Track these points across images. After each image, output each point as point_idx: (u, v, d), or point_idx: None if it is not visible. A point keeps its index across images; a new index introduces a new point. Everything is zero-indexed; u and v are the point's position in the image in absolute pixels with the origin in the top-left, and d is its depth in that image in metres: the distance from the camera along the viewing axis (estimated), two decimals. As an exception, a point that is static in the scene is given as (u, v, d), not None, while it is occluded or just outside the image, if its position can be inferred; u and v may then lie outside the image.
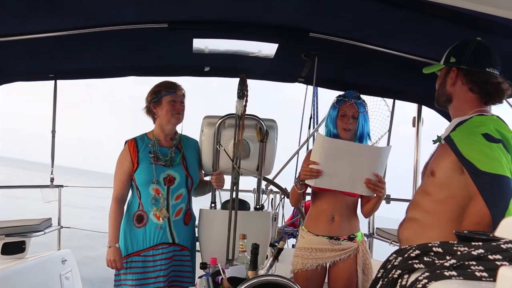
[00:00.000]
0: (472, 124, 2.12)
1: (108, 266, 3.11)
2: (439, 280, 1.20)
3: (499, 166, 1.94)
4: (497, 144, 1.99)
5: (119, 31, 3.17)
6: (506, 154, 1.99)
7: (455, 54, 2.27)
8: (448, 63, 2.28)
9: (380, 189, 2.84)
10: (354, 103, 3.02)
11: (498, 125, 2.07)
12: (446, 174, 2.16)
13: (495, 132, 2.02)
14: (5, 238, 3.93)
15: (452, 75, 2.26)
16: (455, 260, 1.22)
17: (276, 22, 3.21)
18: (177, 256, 3.17)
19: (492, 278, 1.13)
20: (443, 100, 2.34)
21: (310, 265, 2.99)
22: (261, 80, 4.65)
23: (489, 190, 1.95)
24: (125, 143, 3.22)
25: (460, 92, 2.25)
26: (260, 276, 2.10)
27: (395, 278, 1.42)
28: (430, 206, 2.23)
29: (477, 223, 1.93)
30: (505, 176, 1.94)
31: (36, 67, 3.92)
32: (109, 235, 3.12)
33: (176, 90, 3.17)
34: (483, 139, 2.00)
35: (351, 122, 2.99)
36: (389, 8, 2.62)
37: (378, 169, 2.84)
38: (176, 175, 3.14)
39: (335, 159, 2.80)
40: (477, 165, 1.97)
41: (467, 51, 2.22)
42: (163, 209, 3.08)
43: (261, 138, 3.27)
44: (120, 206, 3.16)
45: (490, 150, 1.98)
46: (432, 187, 2.24)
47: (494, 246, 1.19)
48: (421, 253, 1.38)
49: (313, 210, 3.12)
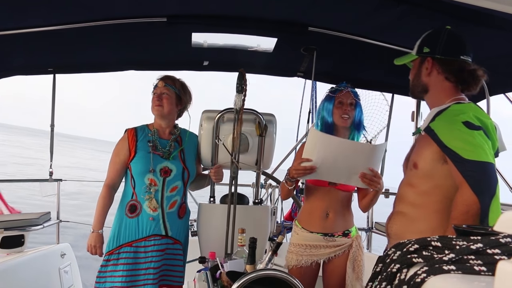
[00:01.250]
0: (452, 112, 2.13)
1: (87, 251, 3.10)
2: (438, 274, 1.20)
3: (483, 153, 1.96)
4: (478, 131, 2.00)
5: (118, 25, 3.16)
6: (487, 140, 2.01)
7: (428, 44, 2.27)
8: (421, 53, 2.29)
9: (375, 183, 2.78)
10: (350, 91, 3.00)
11: (477, 112, 2.09)
12: (428, 165, 2.17)
13: (474, 119, 2.03)
14: (3, 232, 3.94)
15: (427, 65, 2.26)
16: (454, 255, 1.22)
17: (275, 17, 3.21)
18: (170, 249, 3.16)
19: (491, 272, 1.13)
20: (419, 90, 2.34)
21: (304, 262, 2.98)
22: (260, 75, 4.66)
23: (475, 177, 1.95)
24: (125, 132, 3.21)
25: (436, 82, 2.26)
26: (259, 270, 2.11)
27: (394, 272, 1.42)
28: (415, 198, 2.25)
29: (466, 212, 1.94)
30: (490, 163, 1.96)
31: (35, 61, 3.92)
32: (94, 219, 3.11)
33: (158, 82, 3.19)
34: (464, 127, 2.01)
35: (350, 109, 2.96)
36: (387, 2, 2.62)
37: (373, 165, 2.79)
38: (173, 167, 3.14)
39: (329, 155, 2.75)
40: (461, 154, 1.98)
41: (440, 40, 2.23)
42: (153, 200, 3.06)
43: (260, 132, 3.26)
44: (110, 193, 3.15)
45: (472, 137, 1.99)
46: (416, 179, 2.25)
47: (493, 241, 1.19)
48: (420, 247, 1.38)
49: (306, 206, 3.10)
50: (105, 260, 3.08)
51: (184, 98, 3.26)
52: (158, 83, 3.18)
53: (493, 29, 2.52)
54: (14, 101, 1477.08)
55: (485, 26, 2.52)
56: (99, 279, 3.08)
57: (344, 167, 2.77)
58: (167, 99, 3.16)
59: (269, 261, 2.41)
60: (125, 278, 3.02)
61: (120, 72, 4.33)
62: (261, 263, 2.42)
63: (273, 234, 4.07)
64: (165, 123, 3.23)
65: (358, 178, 2.76)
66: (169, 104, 3.17)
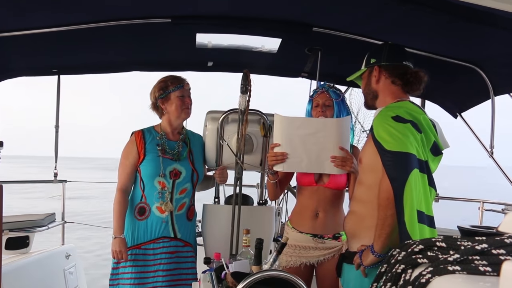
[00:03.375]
0: (386, 109, 2.32)
1: (113, 257, 3.09)
2: (442, 274, 1.20)
3: (402, 144, 2.11)
4: (404, 124, 2.17)
5: (122, 26, 3.17)
6: (416, 133, 2.17)
7: (374, 56, 2.51)
8: (369, 64, 2.52)
9: (348, 163, 2.75)
10: (326, 91, 3.01)
11: (409, 108, 2.28)
12: (369, 159, 2.33)
13: (405, 114, 2.21)
14: (9, 233, 3.94)
15: (375, 73, 2.48)
16: (459, 255, 1.22)
17: (279, 17, 3.21)
18: (180, 252, 3.16)
19: (496, 272, 1.13)
20: (370, 98, 2.54)
21: (293, 263, 2.96)
22: (264, 75, 4.66)
23: (391, 166, 2.12)
24: (132, 134, 3.21)
25: (384, 86, 2.46)
26: (264, 271, 2.11)
27: (399, 273, 1.42)
28: (363, 195, 2.40)
29: (387, 198, 2.11)
30: (406, 153, 2.10)
31: (39, 62, 3.93)
32: (114, 225, 3.09)
33: (183, 84, 3.17)
34: (392, 121, 2.18)
35: (323, 110, 2.97)
36: (392, 2, 2.61)
37: (342, 142, 2.78)
38: (182, 169, 3.14)
39: (296, 138, 2.76)
40: (384, 145, 2.15)
41: (384, 51, 2.48)
42: (168, 203, 3.07)
43: (265, 133, 3.26)
44: (125, 196, 3.13)
45: (396, 130, 2.15)
46: (362, 174, 2.45)
47: (498, 241, 1.19)
48: (425, 248, 1.38)
49: (297, 205, 3.10)
50: (115, 263, 3.10)
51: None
52: (186, 86, 3.18)
53: (497, 28, 2.52)
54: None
55: (489, 26, 2.52)
56: (112, 281, 3.11)
57: (313, 151, 2.77)
58: (191, 102, 3.20)
59: (274, 262, 2.40)
60: (133, 281, 3.04)
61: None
62: (266, 263, 2.42)
63: (278, 235, 4.06)
64: (179, 125, 3.25)
65: (331, 164, 2.77)
66: (191, 106, 3.21)
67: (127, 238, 3.09)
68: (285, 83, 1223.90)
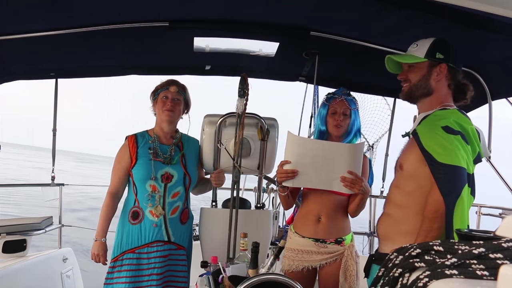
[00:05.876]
0: (434, 118, 2.24)
1: (92, 259, 3.11)
2: (440, 279, 1.20)
3: (455, 157, 2.05)
4: (455, 136, 2.10)
5: (120, 30, 3.17)
6: (465, 145, 2.10)
7: (442, 50, 2.34)
8: (434, 58, 2.34)
9: (357, 186, 2.72)
10: (345, 99, 2.99)
11: (458, 118, 2.19)
12: (412, 166, 2.27)
13: (455, 124, 2.13)
14: (6, 237, 3.93)
15: (439, 70, 2.34)
16: (456, 259, 1.22)
17: (277, 21, 3.21)
18: (173, 255, 3.16)
19: (493, 277, 1.13)
20: (422, 92, 2.38)
21: (296, 267, 2.96)
22: (262, 79, 4.66)
23: (443, 179, 2.06)
24: (126, 139, 3.21)
25: (441, 88, 2.36)
26: (261, 275, 2.10)
27: (396, 277, 1.42)
28: (401, 199, 2.35)
29: (435, 211, 2.05)
30: (459, 167, 2.04)
31: (37, 65, 3.93)
32: (97, 228, 3.11)
33: (169, 86, 3.17)
34: (442, 131, 2.11)
35: (342, 119, 2.96)
36: (389, 7, 2.62)
37: (353, 167, 2.74)
38: (174, 172, 3.13)
39: (307, 157, 2.75)
40: (435, 157, 2.09)
41: (452, 50, 2.35)
42: (158, 207, 3.06)
43: (262, 136, 3.26)
44: (113, 201, 3.15)
45: (448, 142, 2.09)
46: (402, 180, 2.36)
47: (495, 245, 1.19)
48: (422, 251, 1.38)
49: (301, 210, 3.09)
50: (111, 267, 3.09)
51: (189, 105, 3.28)
52: (171, 88, 3.17)
53: (495, 34, 2.53)
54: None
55: (487, 31, 2.53)
56: (106, 286, 3.09)
57: (324, 170, 2.76)
58: (178, 105, 3.18)
59: (271, 266, 2.40)
60: (128, 285, 3.02)
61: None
62: (263, 267, 2.42)
63: (275, 239, 4.06)
64: (169, 128, 3.23)
65: (340, 182, 2.74)
66: (178, 110, 3.19)
67: (121, 242, 3.10)
68: (281, 87, 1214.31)
